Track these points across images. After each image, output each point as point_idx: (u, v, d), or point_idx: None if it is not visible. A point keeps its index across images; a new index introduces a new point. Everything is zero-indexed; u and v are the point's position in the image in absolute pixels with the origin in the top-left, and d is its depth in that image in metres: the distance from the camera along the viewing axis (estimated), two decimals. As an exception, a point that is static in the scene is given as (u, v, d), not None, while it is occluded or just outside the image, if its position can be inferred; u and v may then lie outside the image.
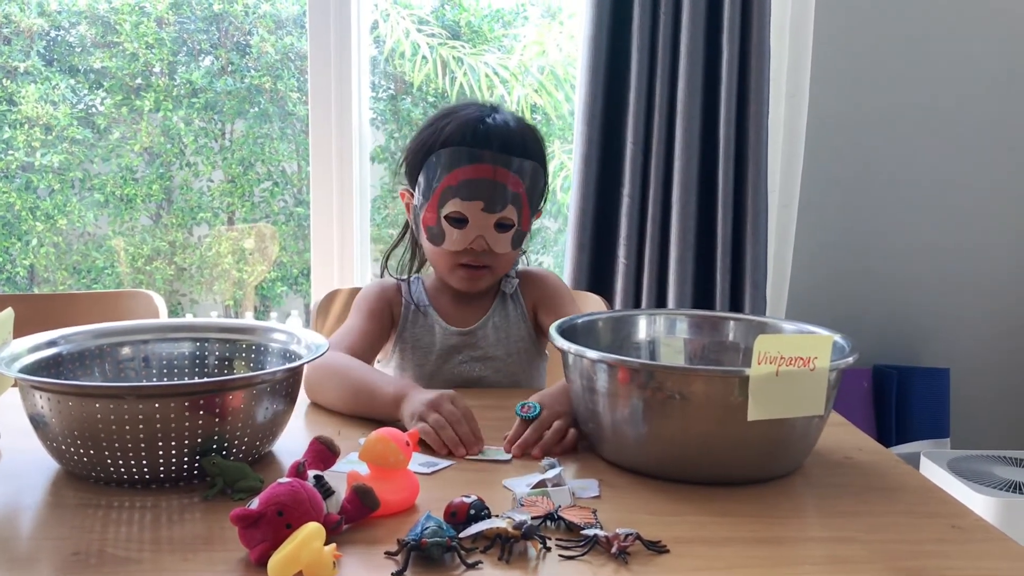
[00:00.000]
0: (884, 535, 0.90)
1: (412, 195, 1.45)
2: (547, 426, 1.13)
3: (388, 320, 1.51)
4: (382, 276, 1.57)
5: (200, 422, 0.96)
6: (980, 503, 1.95)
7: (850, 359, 1.03)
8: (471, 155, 1.35)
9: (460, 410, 1.14)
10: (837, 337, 1.09)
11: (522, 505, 0.92)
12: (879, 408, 2.41)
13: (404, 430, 1.02)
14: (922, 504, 0.99)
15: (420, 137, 1.43)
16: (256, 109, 3.18)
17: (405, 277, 1.54)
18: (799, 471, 1.07)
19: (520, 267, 1.58)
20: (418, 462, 1.06)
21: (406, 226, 1.54)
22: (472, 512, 0.87)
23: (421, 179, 1.40)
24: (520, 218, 1.39)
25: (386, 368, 1.55)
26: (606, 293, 2.20)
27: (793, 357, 0.96)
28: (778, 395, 0.96)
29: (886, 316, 2.46)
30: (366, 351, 1.44)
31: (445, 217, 1.38)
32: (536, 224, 1.52)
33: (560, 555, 0.83)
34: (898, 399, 2.39)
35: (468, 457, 1.10)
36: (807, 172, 2.30)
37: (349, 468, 0.98)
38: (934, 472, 2.13)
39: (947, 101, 2.40)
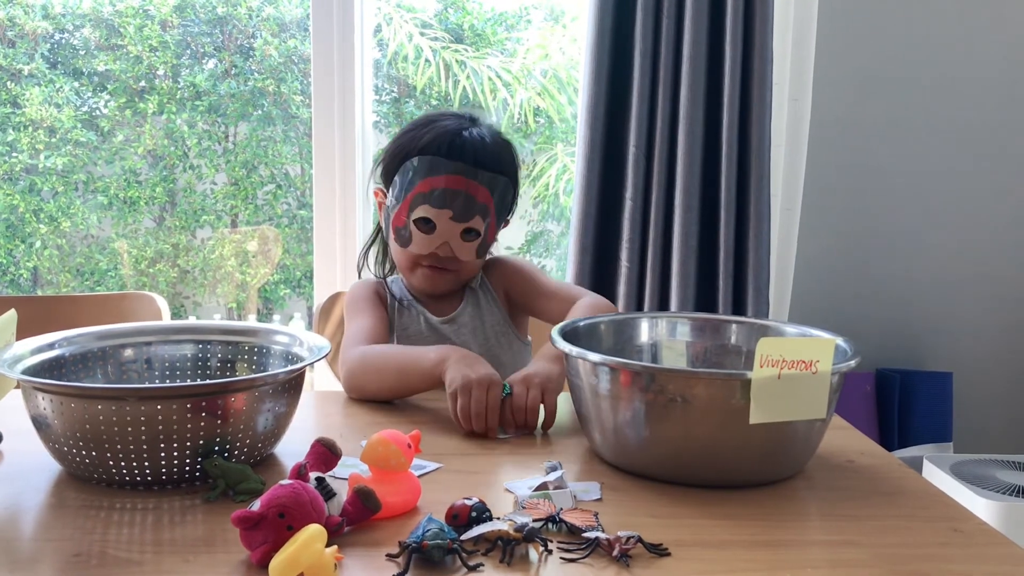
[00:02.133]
0: (886, 539, 0.90)
1: (385, 195, 1.48)
2: (523, 399, 1.21)
3: (386, 311, 1.54)
4: (360, 275, 1.62)
5: (202, 424, 0.96)
6: (983, 507, 1.95)
7: (852, 362, 1.03)
8: (445, 166, 1.39)
9: (491, 401, 1.19)
10: (839, 340, 1.09)
11: (523, 507, 0.92)
12: (882, 412, 2.41)
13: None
14: (924, 508, 0.99)
15: (399, 141, 1.47)
16: (259, 112, 3.18)
17: (383, 277, 1.59)
18: (801, 474, 1.07)
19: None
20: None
21: (378, 226, 1.57)
22: (473, 514, 0.87)
23: (396, 181, 1.44)
24: (486, 228, 1.43)
25: None
26: (608, 296, 2.19)
27: (795, 360, 0.96)
28: (780, 398, 0.96)
29: (889, 320, 2.46)
30: (387, 340, 1.48)
31: (414, 220, 1.41)
32: (539, 227, 1.54)
33: (561, 558, 0.83)
34: (901, 403, 2.39)
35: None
36: (810, 176, 2.30)
37: (351, 470, 0.98)
38: (936, 476, 2.12)
39: (949, 105, 2.40)
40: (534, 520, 0.87)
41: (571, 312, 1.42)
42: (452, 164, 1.39)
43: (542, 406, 1.22)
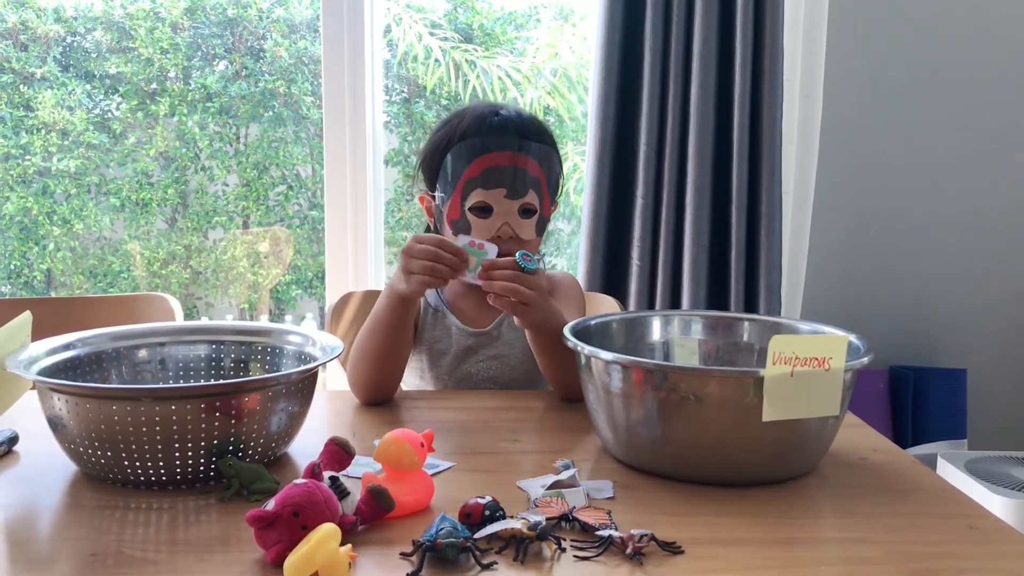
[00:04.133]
0: (900, 536, 0.90)
1: (432, 197, 1.47)
2: (526, 284, 1.24)
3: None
4: None
5: (216, 424, 0.97)
6: (998, 504, 1.94)
7: (865, 359, 1.03)
8: (491, 143, 1.38)
9: (430, 243, 1.27)
10: (852, 337, 1.09)
11: (536, 506, 0.92)
12: (895, 409, 2.40)
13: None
14: (939, 505, 0.98)
15: (435, 138, 1.47)
16: (270, 113, 3.19)
17: None
18: (814, 472, 1.07)
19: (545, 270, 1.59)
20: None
21: (427, 230, 1.56)
22: (487, 513, 0.87)
23: (442, 175, 1.43)
24: (541, 204, 1.42)
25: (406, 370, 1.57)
26: (620, 295, 2.20)
27: (808, 358, 0.95)
28: (793, 396, 0.95)
29: (902, 317, 2.45)
30: None
31: (469, 209, 1.39)
32: (549, 226, 1.53)
33: (575, 556, 0.83)
34: (914, 400, 2.38)
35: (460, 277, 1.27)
36: (821, 173, 2.29)
37: (364, 469, 0.99)
38: (951, 473, 2.12)
39: (962, 101, 2.39)
40: (547, 518, 0.87)
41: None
42: (497, 140, 1.38)
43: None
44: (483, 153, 1.38)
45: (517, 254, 1.26)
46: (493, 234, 1.39)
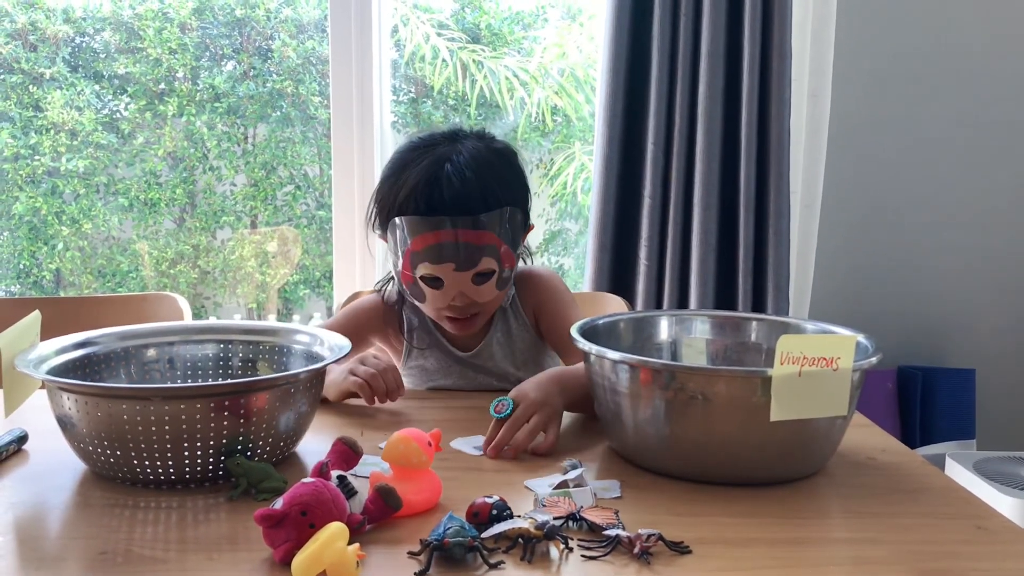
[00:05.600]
0: (909, 536, 0.89)
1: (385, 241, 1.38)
2: (523, 422, 1.11)
3: (363, 343, 1.48)
4: (383, 298, 1.51)
5: (225, 423, 0.97)
6: (1007, 504, 1.93)
7: (873, 359, 1.03)
8: (428, 223, 1.28)
9: (384, 363, 1.28)
10: (860, 337, 1.08)
11: (544, 506, 0.92)
12: (904, 409, 2.40)
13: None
14: (947, 505, 0.98)
15: (380, 192, 1.36)
16: (278, 113, 3.19)
17: (405, 300, 1.47)
18: (822, 472, 1.07)
19: (518, 268, 1.48)
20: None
21: None
22: (494, 512, 0.87)
23: (389, 238, 1.35)
24: (500, 263, 1.32)
25: None
26: (627, 294, 2.20)
27: (816, 357, 0.95)
28: (801, 395, 0.95)
29: (910, 317, 2.45)
30: None
31: (420, 278, 1.32)
32: (557, 226, 1.52)
33: (582, 555, 0.83)
34: (923, 400, 2.37)
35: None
36: (829, 172, 2.29)
37: (372, 468, 0.99)
38: (959, 473, 2.11)
39: (970, 99, 2.38)
40: (555, 518, 0.87)
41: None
42: (435, 220, 1.27)
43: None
44: (422, 232, 1.28)
45: (491, 409, 1.14)
46: (448, 303, 1.33)
